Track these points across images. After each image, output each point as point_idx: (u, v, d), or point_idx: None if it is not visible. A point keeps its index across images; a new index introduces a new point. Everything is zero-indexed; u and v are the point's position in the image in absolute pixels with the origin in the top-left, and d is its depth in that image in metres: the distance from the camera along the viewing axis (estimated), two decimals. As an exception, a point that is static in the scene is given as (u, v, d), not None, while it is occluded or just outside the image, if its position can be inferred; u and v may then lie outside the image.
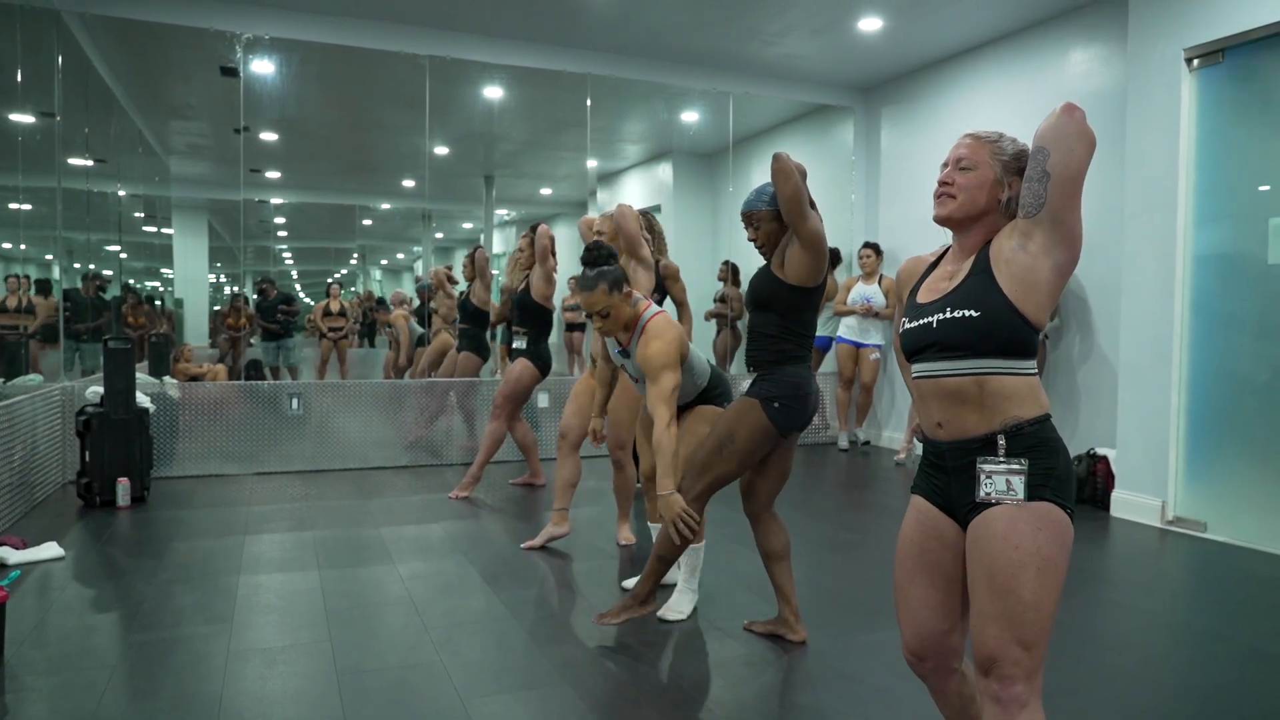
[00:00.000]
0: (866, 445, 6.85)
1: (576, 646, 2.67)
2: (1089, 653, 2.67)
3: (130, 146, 6.63)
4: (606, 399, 3.38)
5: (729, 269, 7.06)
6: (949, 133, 6.11)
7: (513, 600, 3.08)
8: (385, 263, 9.85)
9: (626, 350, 2.86)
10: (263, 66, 5.57)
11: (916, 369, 1.57)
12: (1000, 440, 1.47)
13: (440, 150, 7.02)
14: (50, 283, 5.09)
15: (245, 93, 5.57)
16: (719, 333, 7.02)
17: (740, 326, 7.00)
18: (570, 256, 6.65)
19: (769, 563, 2.74)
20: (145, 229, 7.44)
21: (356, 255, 9.55)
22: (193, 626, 2.76)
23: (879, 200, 6.96)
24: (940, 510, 1.58)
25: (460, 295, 5.92)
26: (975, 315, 1.47)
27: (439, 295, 6.66)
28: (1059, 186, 1.43)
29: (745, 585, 3.30)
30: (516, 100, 6.54)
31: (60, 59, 4.87)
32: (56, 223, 4.96)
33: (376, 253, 9.72)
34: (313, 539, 3.85)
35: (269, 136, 6.96)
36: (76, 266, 5.60)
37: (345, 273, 9.59)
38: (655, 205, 4.65)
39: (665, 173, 8.02)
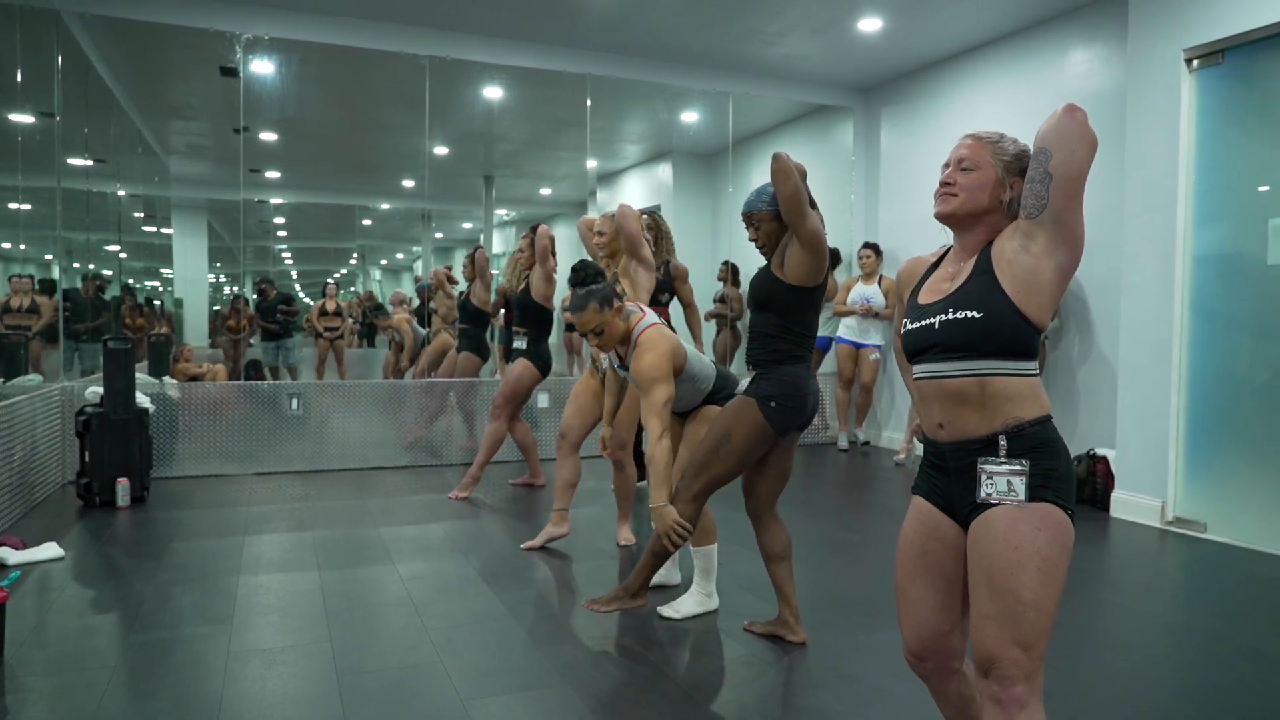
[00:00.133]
0: (866, 445, 6.85)
1: (576, 647, 2.67)
2: (1089, 653, 2.67)
3: (130, 146, 6.63)
4: (616, 408, 3.37)
5: (729, 269, 7.06)
6: (949, 133, 6.11)
7: (513, 600, 3.08)
8: (385, 263, 9.85)
9: (625, 364, 2.88)
10: (263, 66, 5.56)
11: (918, 370, 1.57)
12: (1001, 441, 1.47)
13: (440, 150, 7.02)
14: (54, 283, 5.09)
15: (245, 93, 5.56)
16: (719, 333, 7.02)
17: (740, 326, 7.00)
18: (570, 257, 6.64)
19: (769, 563, 2.74)
20: (145, 229, 7.44)
21: (356, 255, 9.55)
22: (192, 627, 2.76)
23: (879, 200, 6.96)
24: (941, 511, 1.58)
25: (460, 295, 5.92)
26: (977, 316, 1.47)
27: (439, 295, 6.66)
28: (1061, 187, 1.43)
29: (745, 586, 3.30)
30: (516, 100, 6.54)
31: (60, 59, 4.87)
32: (56, 223, 4.95)
33: (376, 253, 9.72)
34: (312, 539, 3.84)
35: (269, 136, 6.95)
36: (76, 266, 5.60)
37: (345, 273, 9.58)
38: (655, 205, 4.65)
39: (665, 173, 8.02)
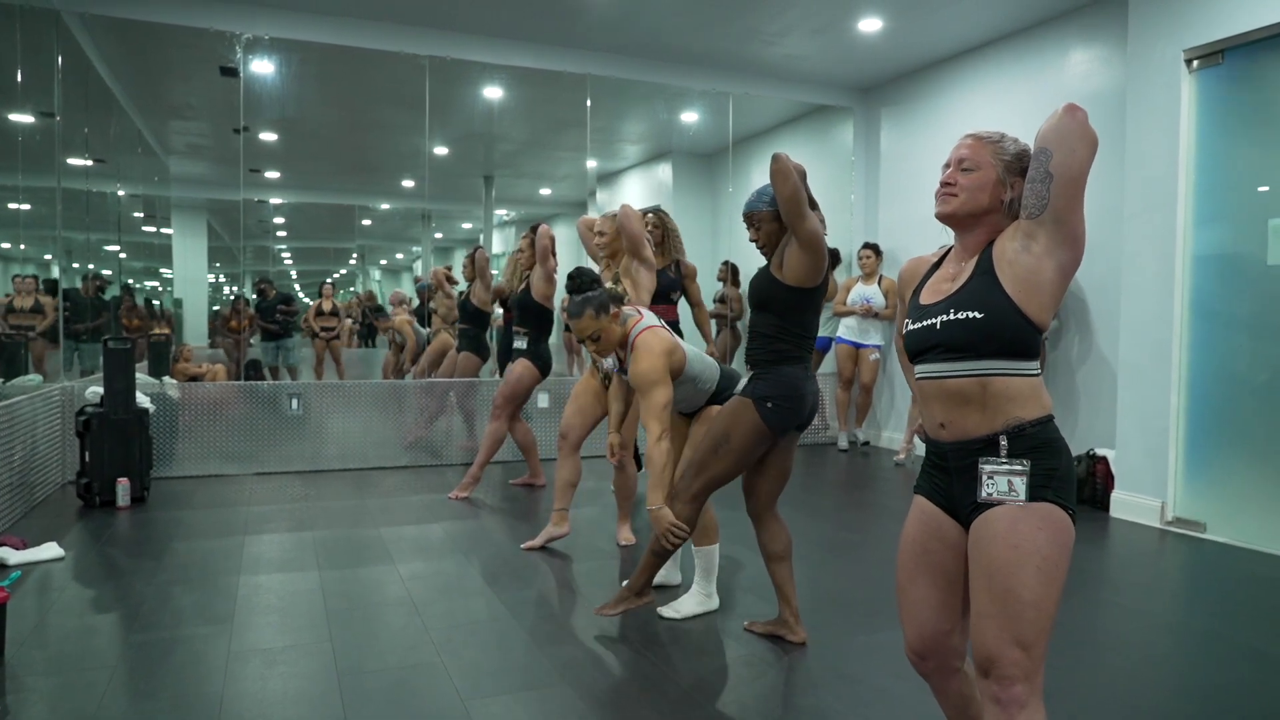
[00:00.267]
0: (866, 446, 6.85)
1: (577, 647, 2.67)
2: (1089, 653, 2.67)
3: (130, 146, 6.63)
4: (623, 414, 3.35)
5: (729, 269, 7.06)
6: (949, 133, 6.11)
7: (513, 601, 3.08)
8: (384, 263, 9.85)
9: (624, 368, 2.88)
10: (263, 66, 5.56)
11: (920, 370, 1.57)
12: (1002, 441, 1.47)
13: (440, 150, 7.02)
14: (56, 283, 5.09)
15: (245, 93, 5.56)
16: (719, 333, 7.02)
17: (740, 326, 7.01)
18: (570, 256, 6.64)
19: (769, 563, 2.74)
20: (145, 229, 7.44)
21: (356, 255, 9.55)
22: (193, 627, 2.76)
23: (878, 201, 6.96)
24: (942, 510, 1.58)
25: (460, 295, 5.92)
26: (979, 316, 1.47)
27: (438, 295, 6.66)
28: (1061, 187, 1.43)
29: (746, 586, 3.30)
30: (516, 100, 6.54)
31: (60, 59, 4.86)
32: (56, 223, 4.95)
33: (376, 253, 9.73)
34: (313, 539, 3.84)
35: (269, 136, 6.96)
36: (75, 266, 5.60)
37: (344, 273, 9.59)
38: (654, 205, 4.66)
39: (665, 173, 8.02)
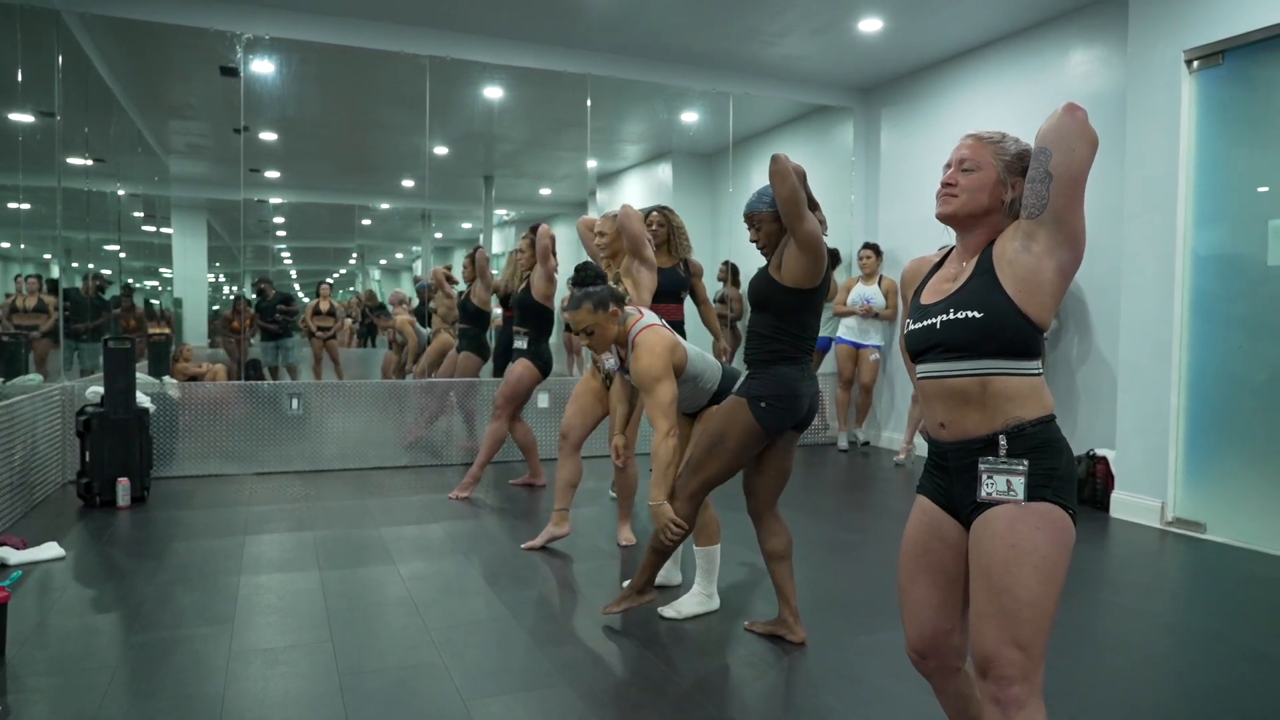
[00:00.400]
0: (866, 446, 6.85)
1: (577, 647, 2.67)
2: (1089, 653, 2.67)
3: (130, 146, 6.63)
4: (628, 415, 3.37)
5: (729, 269, 7.07)
6: (949, 134, 6.12)
7: (513, 601, 3.08)
8: (384, 263, 9.86)
9: (626, 367, 2.90)
10: (263, 66, 5.56)
11: (921, 369, 1.58)
12: (1001, 441, 1.47)
13: (440, 150, 7.02)
14: (56, 282, 5.09)
15: (245, 93, 5.56)
16: (719, 333, 7.02)
17: (740, 326, 7.01)
18: (570, 256, 6.64)
19: (770, 562, 2.74)
20: (144, 229, 7.44)
21: (355, 255, 9.55)
22: (193, 627, 2.76)
23: (879, 201, 6.96)
24: (944, 510, 1.58)
25: (460, 295, 5.92)
26: (978, 316, 1.48)
27: (438, 295, 6.66)
28: (1061, 187, 1.43)
29: (746, 586, 3.30)
30: (516, 100, 6.55)
31: (60, 59, 4.86)
32: (56, 222, 4.95)
33: (375, 253, 9.73)
34: (313, 539, 3.84)
35: (269, 136, 6.96)
36: (75, 266, 5.60)
37: (344, 272, 9.59)
38: (661, 205, 4.66)
39: (665, 173, 8.02)
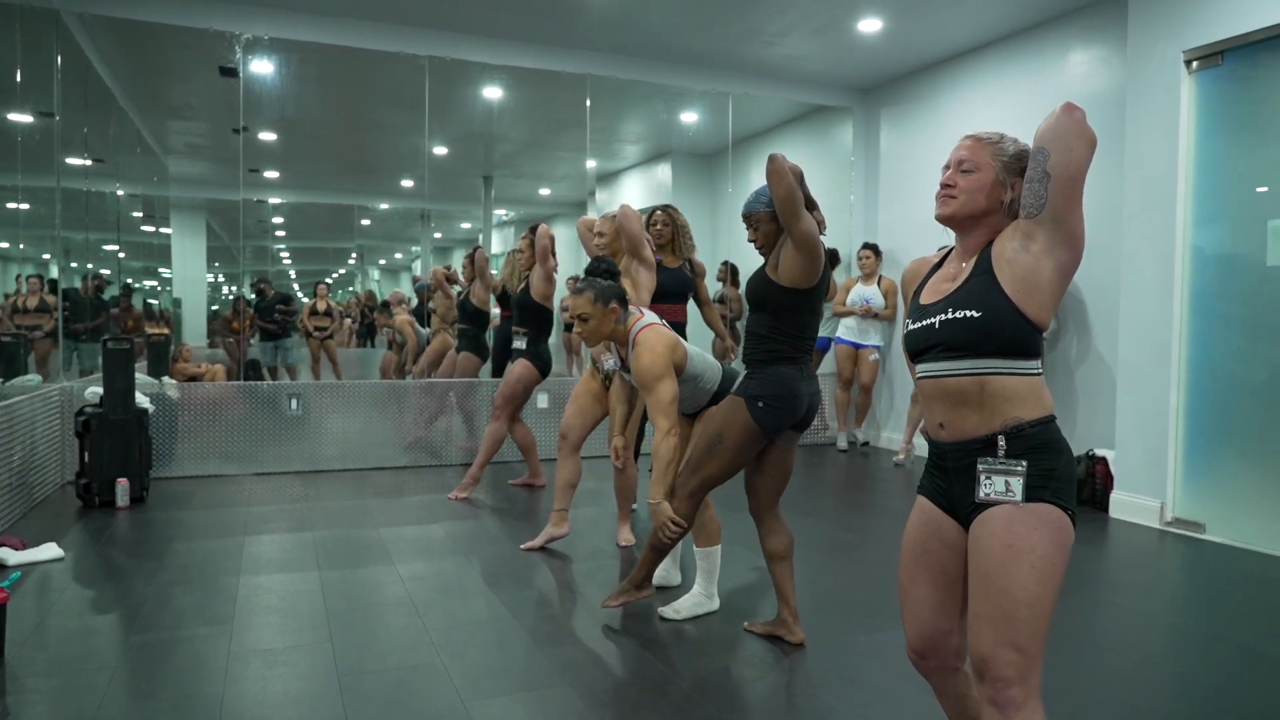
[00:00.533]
0: (865, 446, 6.85)
1: (577, 647, 2.67)
2: (1088, 653, 2.67)
3: (129, 146, 6.63)
4: (627, 416, 3.38)
5: (728, 269, 7.06)
6: (948, 134, 6.12)
7: (513, 601, 3.08)
8: (383, 263, 9.85)
9: (626, 366, 2.91)
10: (262, 66, 5.56)
11: (920, 369, 1.58)
12: (1000, 441, 1.47)
13: (439, 150, 7.02)
14: (55, 282, 5.09)
15: (244, 93, 5.56)
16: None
17: (739, 326, 7.01)
18: (570, 256, 6.65)
19: (770, 563, 2.74)
20: (144, 229, 7.43)
21: (355, 255, 9.55)
22: (193, 628, 2.76)
23: (878, 201, 6.96)
24: (943, 511, 1.58)
25: (460, 295, 5.92)
26: (977, 316, 1.48)
27: (438, 295, 6.66)
28: (1059, 187, 1.43)
29: (745, 586, 3.30)
30: (516, 100, 6.54)
31: (59, 59, 4.86)
32: (55, 222, 4.95)
33: (375, 253, 9.73)
34: (312, 540, 3.84)
35: (268, 136, 6.95)
36: (74, 266, 5.60)
37: (343, 273, 9.59)
38: (658, 205, 4.65)
39: (664, 173, 8.02)
